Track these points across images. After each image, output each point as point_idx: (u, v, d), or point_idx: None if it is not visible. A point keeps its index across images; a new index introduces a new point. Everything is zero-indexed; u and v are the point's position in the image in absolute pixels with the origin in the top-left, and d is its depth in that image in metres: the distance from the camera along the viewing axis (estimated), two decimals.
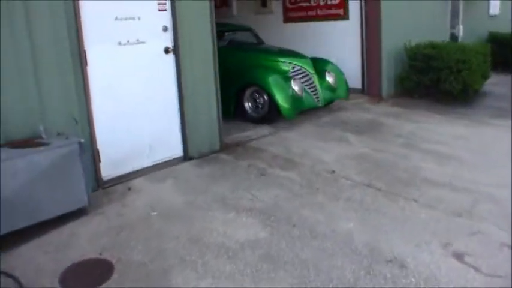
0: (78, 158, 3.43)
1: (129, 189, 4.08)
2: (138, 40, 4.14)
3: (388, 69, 7.64)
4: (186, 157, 4.72)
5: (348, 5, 7.92)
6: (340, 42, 8.16)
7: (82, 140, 3.46)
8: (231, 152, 4.99)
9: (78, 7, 3.67)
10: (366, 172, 4.35)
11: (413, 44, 7.48)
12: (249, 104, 6.28)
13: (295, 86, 6.09)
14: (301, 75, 6.39)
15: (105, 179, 4.13)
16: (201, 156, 4.83)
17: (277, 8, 9.09)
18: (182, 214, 3.58)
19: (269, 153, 4.95)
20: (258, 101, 6.20)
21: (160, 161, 4.55)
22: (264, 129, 5.86)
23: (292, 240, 3.12)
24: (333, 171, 4.38)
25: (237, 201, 3.77)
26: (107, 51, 3.95)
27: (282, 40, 8.99)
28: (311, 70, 6.47)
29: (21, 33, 3.35)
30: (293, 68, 6.39)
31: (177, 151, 4.67)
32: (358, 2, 7.67)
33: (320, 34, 8.44)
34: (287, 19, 8.99)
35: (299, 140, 5.41)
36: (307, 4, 8.56)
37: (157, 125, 4.44)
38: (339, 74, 6.86)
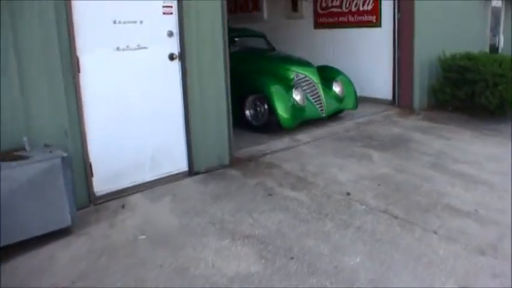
0: (60, 173, 3.16)
1: (123, 206, 3.82)
2: (139, 45, 3.89)
3: (420, 81, 7.11)
4: (192, 172, 4.43)
5: (381, 12, 7.44)
6: (371, 51, 7.71)
7: (65, 155, 3.21)
8: (241, 168, 4.66)
9: (71, 9, 3.44)
10: (384, 196, 3.91)
11: (448, 54, 6.92)
12: (250, 111, 6.09)
13: (297, 96, 5.89)
14: (305, 84, 6.17)
15: (98, 194, 3.88)
16: (208, 171, 4.52)
17: (308, 12, 8.73)
18: (172, 239, 3.27)
19: (282, 170, 4.58)
20: (258, 109, 6.01)
21: (163, 176, 4.28)
22: (280, 143, 5.50)
23: (287, 277, 2.75)
24: (348, 194, 3.97)
25: (236, 226, 3.43)
26: (103, 57, 3.71)
27: (311, 47, 8.67)
28: (316, 79, 6.21)
29: (6, 36, 3.14)
30: (297, 76, 6.18)
31: (182, 165, 4.39)
32: (392, 9, 7.19)
33: (351, 42, 8.01)
34: (318, 25, 8.61)
35: (317, 156, 5.01)
36: (339, 10, 8.16)
37: (159, 137, 4.18)
38: (347, 83, 6.61)
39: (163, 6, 3.96)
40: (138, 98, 3.98)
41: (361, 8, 7.73)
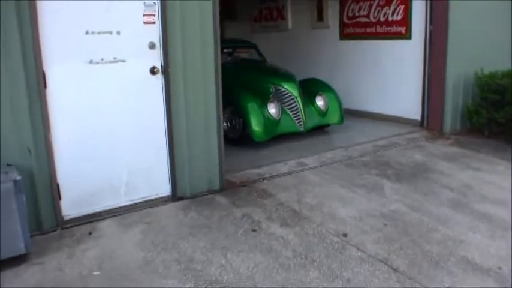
0: (12, 198, 2.88)
1: (90, 233, 3.44)
2: (115, 58, 3.51)
3: (453, 100, 6.38)
4: (175, 197, 4.00)
5: (411, 22, 6.79)
6: (399, 65, 7.06)
7: (18, 178, 2.88)
8: (232, 194, 4.19)
9: (36, 17, 3.10)
10: (388, 240, 3.32)
11: (486, 71, 6.16)
12: (227, 124, 5.96)
13: (272, 109, 5.80)
14: (283, 98, 6.07)
15: (67, 218, 3.53)
16: (194, 196, 4.08)
17: (334, 22, 8.17)
18: (128, 278, 2.84)
19: (275, 199, 4.07)
20: (233, 121, 5.93)
21: (141, 200, 3.88)
22: (283, 166, 4.98)
23: None
24: (345, 235, 3.41)
25: (204, 267, 2.96)
26: (73, 70, 3.36)
27: (335, 60, 8.13)
28: (295, 92, 6.05)
29: None
30: (276, 89, 6.10)
31: (164, 189, 3.97)
32: (423, 19, 6.52)
33: (378, 55, 7.39)
34: (343, 35, 8.03)
35: (320, 185, 4.46)
36: (366, 19, 7.55)
37: (138, 158, 3.78)
38: (332, 97, 6.45)
39: (145, 15, 3.58)
40: (114, 116, 3.61)
41: (390, 18, 7.10)
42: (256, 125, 5.57)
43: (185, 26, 3.74)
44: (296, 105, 6.04)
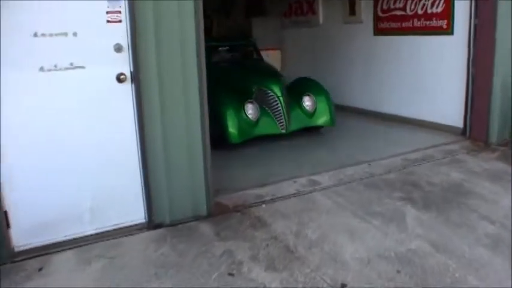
0: None
1: (40, 269, 2.93)
2: (72, 64, 2.97)
3: (501, 106, 5.42)
4: (151, 224, 3.43)
5: (453, 15, 5.86)
6: (438, 64, 6.15)
7: None
8: (220, 222, 3.56)
9: None
10: None
11: None
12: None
13: (249, 110, 5.59)
14: (267, 98, 5.82)
15: (19, 249, 3.05)
16: (174, 224, 3.49)
17: (367, 16, 7.32)
18: None
19: (270, 231, 3.40)
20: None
21: (111, 228, 3.33)
22: (291, 185, 4.28)
23: None
24: (344, 286, 2.70)
25: None
26: (20, 80, 2.83)
27: (368, 57, 7.36)
28: (278, 93, 5.78)
29: None
30: (258, 89, 5.89)
31: (138, 216, 3.41)
32: (467, 12, 5.58)
33: (415, 52, 6.50)
34: (378, 31, 7.16)
35: (330, 211, 3.74)
36: (402, 13, 6.66)
37: (104, 180, 3.23)
38: (321, 98, 6.11)
39: (108, 13, 3.00)
40: (73, 133, 3.08)
41: (429, 11, 6.18)
42: (231, 127, 5.40)
43: (160, 24, 3.14)
44: (278, 106, 5.75)
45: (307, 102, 6.00)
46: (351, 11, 7.59)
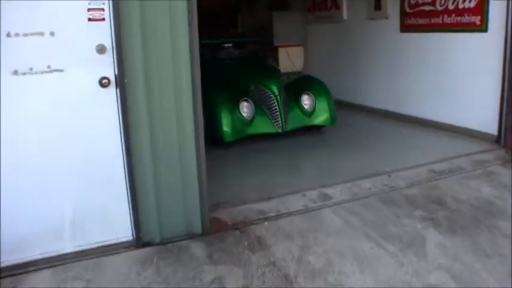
0: None
1: None
2: (49, 67, 2.66)
3: None
4: (139, 242, 3.11)
5: (488, 11, 5.30)
6: (470, 64, 5.60)
7: None
8: (215, 242, 3.21)
9: None
10: None
11: None
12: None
13: (244, 109, 5.53)
14: (264, 97, 5.75)
15: None
16: (165, 242, 3.16)
17: (393, 11, 6.80)
18: None
19: (268, 255, 3.03)
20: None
21: (95, 246, 3.03)
22: (300, 199, 3.89)
23: None
24: None
25: None
26: None
27: (394, 57, 6.87)
28: (275, 91, 5.68)
29: None
30: (256, 88, 5.83)
31: (124, 233, 3.09)
32: (504, 6, 5.02)
33: (444, 51, 5.95)
34: (404, 27, 6.64)
35: (340, 231, 3.34)
36: (431, 8, 6.12)
37: (87, 194, 2.93)
38: (321, 96, 5.98)
39: (90, 10, 2.68)
40: (51, 142, 2.78)
41: (460, 6, 5.63)
42: (225, 125, 5.37)
43: (148, 22, 2.80)
44: (275, 105, 5.64)
45: (305, 101, 5.89)
46: (377, 6, 7.09)
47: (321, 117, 5.93)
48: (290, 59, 9.30)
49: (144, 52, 2.82)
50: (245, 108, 5.55)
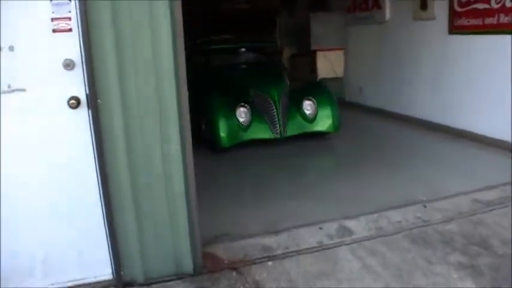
0: None
1: None
2: (9, 87, 2.31)
3: None
4: (119, 282, 2.72)
5: None
6: None
7: None
8: (204, 284, 2.77)
9: None
10: None
11: None
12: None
13: (241, 114, 5.53)
14: (263, 102, 5.71)
15: None
16: (148, 282, 2.76)
17: (441, 11, 6.08)
18: None
19: None
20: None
21: (71, 284, 2.68)
22: (313, 233, 3.37)
23: None
24: None
25: None
26: None
27: (442, 61, 6.17)
28: (275, 97, 5.66)
29: None
30: (255, 94, 5.79)
31: (103, 271, 2.72)
32: None
33: (501, 55, 5.15)
34: (453, 29, 5.91)
35: (354, 280, 2.79)
36: (486, 6, 5.37)
37: (60, 228, 2.57)
38: (324, 103, 5.90)
39: (54, 20, 2.31)
40: (15, 171, 2.43)
41: None
42: (222, 131, 5.40)
43: (122, 31, 2.40)
44: (274, 111, 5.60)
45: (307, 106, 5.81)
46: (422, 5, 6.38)
47: (323, 124, 5.84)
48: (329, 65, 8.71)
49: (119, 67, 2.42)
50: (242, 114, 5.53)
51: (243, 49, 7.27)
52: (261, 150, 5.60)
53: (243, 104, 5.55)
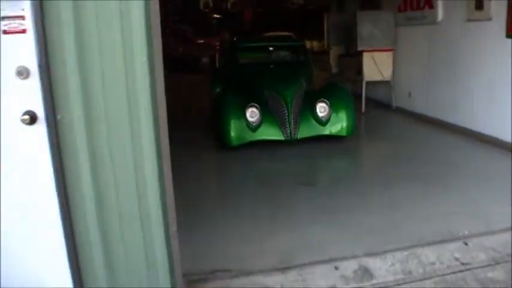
0: None
1: None
2: None
3: None
4: None
5: None
6: None
7: None
8: None
9: None
10: None
11: None
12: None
13: (250, 114, 5.47)
14: (276, 104, 5.68)
15: None
16: None
17: (498, 11, 5.31)
18: None
19: None
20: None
21: None
22: (328, 274, 2.83)
23: None
24: None
25: None
26: None
27: (498, 67, 5.38)
28: (288, 99, 5.60)
29: None
30: (269, 95, 5.77)
31: None
32: None
33: None
34: None
35: None
36: None
37: (12, 262, 2.24)
38: (340, 105, 5.73)
39: (5, 18, 1.94)
40: None
41: None
42: (232, 130, 5.43)
43: (87, 32, 1.99)
44: (285, 113, 5.55)
45: (320, 109, 5.66)
46: (478, 5, 5.62)
47: (336, 127, 5.69)
48: (377, 67, 8.03)
49: (82, 76, 2.02)
50: (252, 114, 5.48)
51: (271, 48, 7.26)
52: (278, 152, 5.51)
53: (253, 104, 5.48)
